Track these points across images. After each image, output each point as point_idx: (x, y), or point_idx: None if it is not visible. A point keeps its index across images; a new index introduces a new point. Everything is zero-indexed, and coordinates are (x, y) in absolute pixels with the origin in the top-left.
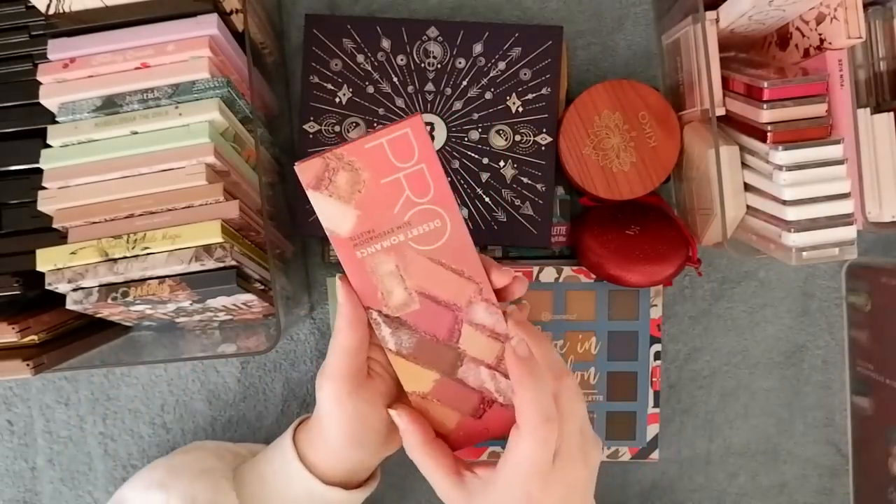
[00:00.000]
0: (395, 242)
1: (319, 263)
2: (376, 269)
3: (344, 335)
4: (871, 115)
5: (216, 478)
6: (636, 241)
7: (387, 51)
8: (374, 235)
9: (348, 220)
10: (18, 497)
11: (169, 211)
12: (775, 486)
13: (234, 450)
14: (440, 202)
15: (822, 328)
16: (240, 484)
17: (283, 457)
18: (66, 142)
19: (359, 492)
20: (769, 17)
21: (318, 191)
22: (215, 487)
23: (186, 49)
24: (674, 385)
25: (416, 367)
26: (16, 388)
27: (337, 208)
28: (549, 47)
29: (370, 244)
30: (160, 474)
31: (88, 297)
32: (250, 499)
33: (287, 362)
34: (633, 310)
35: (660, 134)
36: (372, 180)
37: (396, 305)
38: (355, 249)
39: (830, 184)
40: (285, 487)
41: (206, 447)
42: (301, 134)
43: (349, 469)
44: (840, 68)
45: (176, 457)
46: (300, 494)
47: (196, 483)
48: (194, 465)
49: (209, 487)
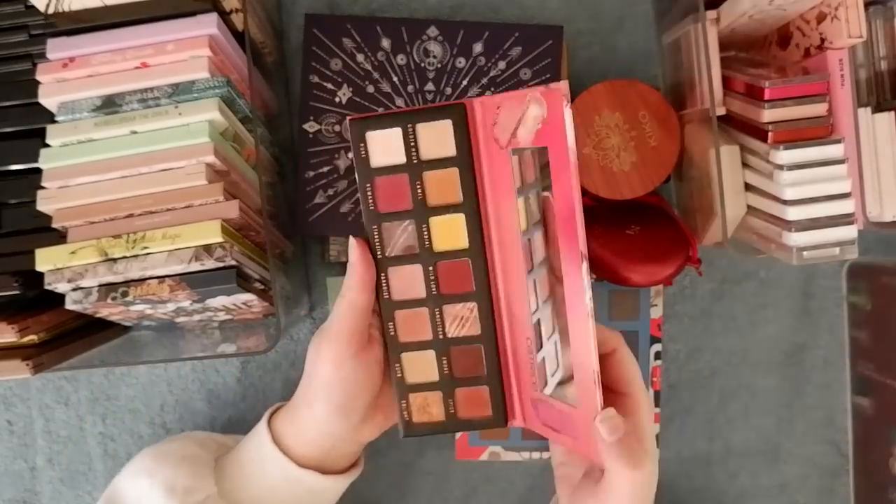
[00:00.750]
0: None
1: (319, 263)
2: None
3: (355, 293)
4: (872, 115)
5: (197, 465)
6: (636, 241)
7: (387, 50)
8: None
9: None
10: (18, 497)
11: (169, 211)
12: (775, 486)
13: (220, 440)
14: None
15: (822, 328)
16: (220, 472)
17: (259, 441)
18: (66, 141)
19: (337, 479)
20: (770, 17)
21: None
22: (194, 473)
23: (186, 48)
24: (674, 385)
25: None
26: (15, 388)
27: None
28: (549, 47)
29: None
30: (147, 462)
31: (88, 297)
32: (230, 486)
33: (287, 362)
34: (633, 310)
35: (660, 134)
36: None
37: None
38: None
39: (831, 183)
40: (261, 471)
41: (192, 436)
42: (301, 134)
43: (327, 447)
44: (841, 68)
45: (163, 444)
46: (276, 478)
47: (177, 469)
48: (177, 452)
49: (189, 474)
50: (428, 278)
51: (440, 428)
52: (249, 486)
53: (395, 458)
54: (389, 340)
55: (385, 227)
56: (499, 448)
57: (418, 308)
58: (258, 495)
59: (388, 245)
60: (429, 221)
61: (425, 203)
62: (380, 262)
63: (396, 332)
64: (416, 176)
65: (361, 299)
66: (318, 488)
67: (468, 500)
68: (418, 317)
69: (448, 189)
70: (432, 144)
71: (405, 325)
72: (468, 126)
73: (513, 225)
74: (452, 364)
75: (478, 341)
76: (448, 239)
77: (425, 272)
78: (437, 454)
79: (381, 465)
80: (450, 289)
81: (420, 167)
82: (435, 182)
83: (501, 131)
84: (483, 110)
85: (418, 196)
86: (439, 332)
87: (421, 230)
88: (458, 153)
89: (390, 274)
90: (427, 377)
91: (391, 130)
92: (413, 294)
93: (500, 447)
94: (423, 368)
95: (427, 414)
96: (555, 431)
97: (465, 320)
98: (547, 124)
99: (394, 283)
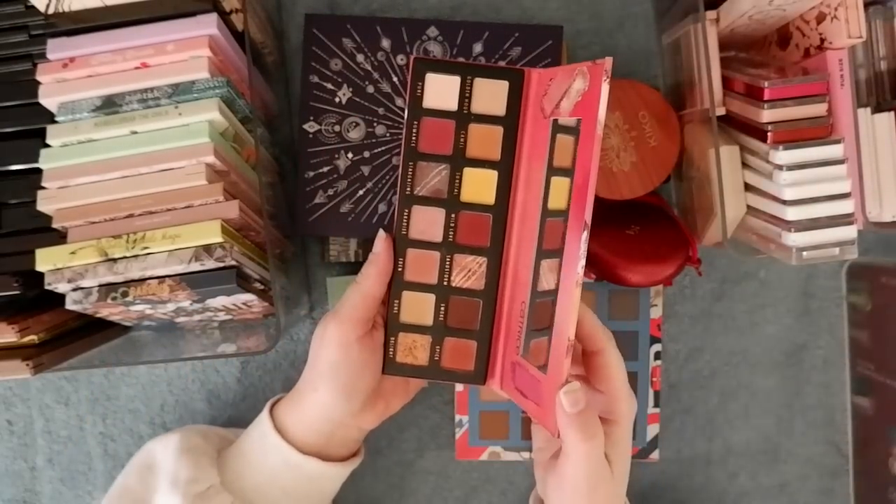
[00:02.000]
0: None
1: (319, 263)
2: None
3: (372, 282)
4: (872, 115)
5: (198, 455)
6: (636, 241)
7: (387, 50)
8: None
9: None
10: (18, 497)
11: (169, 211)
12: (775, 486)
13: (222, 433)
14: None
15: (822, 328)
16: (223, 463)
17: (261, 430)
18: (66, 141)
19: (338, 466)
20: (769, 17)
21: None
22: (196, 464)
23: (186, 49)
24: (674, 385)
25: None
26: (15, 388)
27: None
28: (549, 47)
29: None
30: (148, 456)
31: (88, 297)
32: (232, 476)
33: (287, 362)
34: (633, 310)
35: (660, 134)
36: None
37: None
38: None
39: (831, 183)
40: (263, 459)
41: (194, 428)
42: (301, 134)
43: (328, 433)
44: (840, 68)
45: (164, 437)
46: (277, 465)
47: (179, 461)
48: (179, 443)
49: (190, 464)
50: (448, 224)
51: (420, 372)
52: (251, 474)
53: (395, 458)
54: (395, 276)
55: (420, 166)
56: (499, 448)
57: (431, 251)
58: (260, 483)
59: (419, 184)
60: (463, 171)
61: (464, 153)
62: (406, 197)
63: (404, 269)
64: (462, 125)
65: (376, 290)
66: (318, 475)
67: (468, 500)
68: (428, 259)
69: (489, 145)
70: (485, 100)
71: (414, 264)
72: (522, 92)
73: (537, 195)
74: (449, 312)
75: (478, 296)
76: (477, 191)
77: (447, 218)
78: (437, 454)
79: (381, 465)
80: (465, 239)
81: (468, 118)
82: (478, 135)
83: (548, 101)
84: (539, 80)
85: (460, 144)
86: (445, 278)
87: (454, 177)
88: (507, 114)
89: (413, 212)
90: (421, 320)
91: (451, 77)
92: (429, 236)
93: (500, 447)
94: (419, 310)
95: (411, 356)
96: (523, 396)
97: (472, 273)
98: (585, 96)
99: (414, 222)
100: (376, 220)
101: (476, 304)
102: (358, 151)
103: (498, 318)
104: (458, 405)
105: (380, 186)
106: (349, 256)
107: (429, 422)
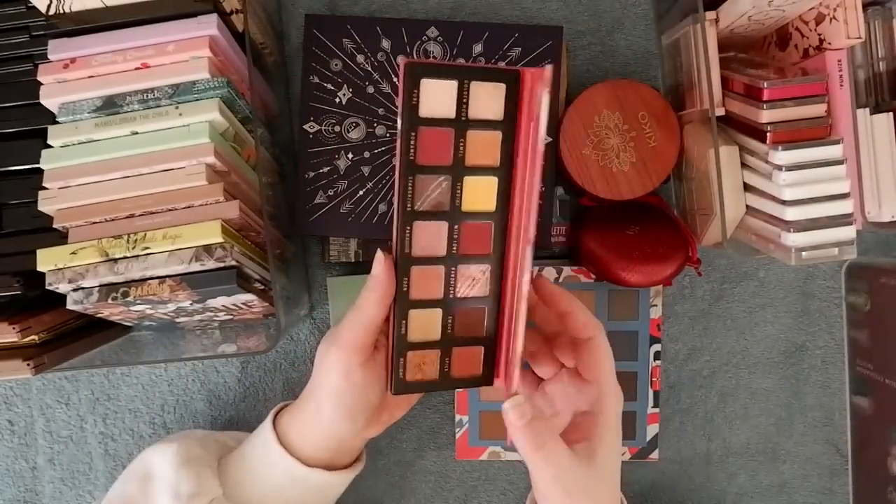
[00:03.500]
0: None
1: (319, 263)
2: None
3: (372, 308)
4: (871, 116)
5: (199, 466)
6: (636, 241)
7: (387, 51)
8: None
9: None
10: (19, 497)
11: (169, 211)
12: (775, 485)
13: (220, 439)
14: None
15: (821, 328)
16: (224, 473)
17: (264, 442)
18: (67, 142)
19: (342, 474)
20: (769, 18)
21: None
22: (198, 476)
23: (187, 49)
24: (673, 385)
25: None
26: (16, 388)
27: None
28: (549, 47)
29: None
30: (146, 467)
31: (89, 297)
32: (234, 486)
33: (287, 362)
34: (633, 310)
35: (660, 134)
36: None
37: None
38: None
39: (830, 184)
40: (269, 472)
41: (192, 435)
42: (301, 134)
43: (333, 448)
44: (839, 68)
45: (161, 445)
46: (282, 478)
47: (179, 473)
48: (178, 455)
49: (192, 477)
50: (451, 237)
51: (431, 386)
52: (256, 486)
53: (395, 458)
54: (400, 296)
55: (420, 180)
56: (499, 448)
57: (435, 266)
58: (264, 494)
59: (420, 198)
60: (463, 180)
61: (464, 161)
62: (407, 214)
63: (409, 288)
64: (460, 133)
65: (378, 316)
66: (324, 485)
67: (468, 500)
68: (433, 274)
69: (488, 151)
70: (482, 105)
71: (419, 281)
72: (518, 93)
73: (533, 195)
74: (456, 324)
75: (483, 302)
76: (478, 199)
77: (450, 230)
78: (437, 454)
79: (381, 465)
80: (469, 249)
81: (466, 125)
82: (477, 142)
83: (538, 103)
84: (532, 80)
85: (459, 153)
86: (451, 291)
87: (455, 187)
88: (504, 118)
89: (415, 228)
90: (429, 336)
91: (447, 82)
92: (433, 251)
93: (500, 447)
94: (427, 327)
95: (421, 372)
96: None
97: (476, 281)
98: (528, 105)
99: (416, 238)
100: (376, 221)
101: (481, 312)
102: (358, 152)
103: (501, 321)
104: (458, 405)
105: (380, 186)
106: (349, 256)
107: (429, 422)
